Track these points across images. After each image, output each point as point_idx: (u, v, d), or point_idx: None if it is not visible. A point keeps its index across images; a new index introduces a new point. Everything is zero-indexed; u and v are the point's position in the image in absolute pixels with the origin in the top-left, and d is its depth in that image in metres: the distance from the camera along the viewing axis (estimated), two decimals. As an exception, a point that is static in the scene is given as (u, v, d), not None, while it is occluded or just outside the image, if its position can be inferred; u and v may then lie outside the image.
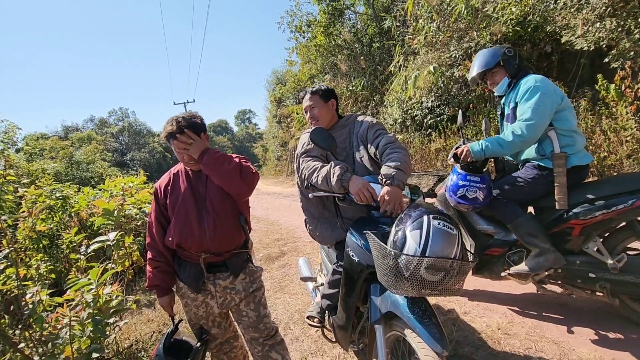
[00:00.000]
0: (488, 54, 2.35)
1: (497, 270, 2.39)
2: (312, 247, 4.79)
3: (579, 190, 2.07)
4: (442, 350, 1.17)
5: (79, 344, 2.01)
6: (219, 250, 1.71)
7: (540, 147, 2.16)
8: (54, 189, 4.62)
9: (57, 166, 16.64)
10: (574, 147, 2.09)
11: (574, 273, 2.13)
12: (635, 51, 4.59)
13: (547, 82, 2.13)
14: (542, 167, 2.15)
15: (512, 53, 2.28)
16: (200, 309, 1.75)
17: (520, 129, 2.08)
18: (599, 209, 1.96)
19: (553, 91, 2.10)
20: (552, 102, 2.06)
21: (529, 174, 2.20)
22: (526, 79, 2.19)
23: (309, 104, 2.02)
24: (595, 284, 2.07)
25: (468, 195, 2.18)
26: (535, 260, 2.13)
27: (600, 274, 2.04)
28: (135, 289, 4.31)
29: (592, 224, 2.01)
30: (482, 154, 2.21)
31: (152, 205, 1.79)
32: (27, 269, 2.69)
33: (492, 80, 2.37)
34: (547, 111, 2.06)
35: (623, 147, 4.64)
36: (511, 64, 2.28)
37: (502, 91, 2.35)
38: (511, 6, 6.09)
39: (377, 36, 11.00)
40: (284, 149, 18.73)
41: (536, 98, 2.06)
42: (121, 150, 42.71)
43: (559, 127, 2.10)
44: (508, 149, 2.16)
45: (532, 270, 2.13)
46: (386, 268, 1.30)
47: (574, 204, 2.05)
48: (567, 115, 2.12)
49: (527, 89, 2.11)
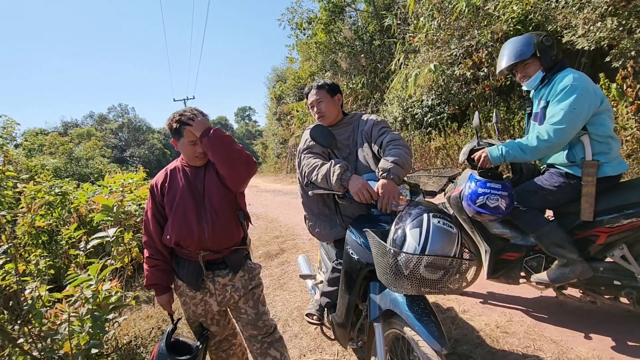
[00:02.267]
0: (521, 43, 2.04)
1: (514, 276, 2.27)
2: (312, 244, 4.79)
3: (606, 196, 1.91)
4: (441, 349, 1.17)
5: (78, 340, 2.01)
6: (218, 248, 1.70)
7: (571, 152, 1.95)
8: (53, 185, 4.62)
9: (57, 162, 16.62)
10: (609, 155, 1.89)
11: (598, 280, 2.01)
12: (636, 50, 4.58)
13: (586, 80, 1.89)
14: (570, 176, 1.96)
15: (550, 42, 1.99)
16: (199, 307, 1.74)
17: (547, 133, 1.88)
18: (628, 217, 1.84)
19: (592, 92, 1.86)
20: (590, 105, 1.84)
21: (555, 181, 2.01)
22: (563, 74, 1.93)
23: (316, 98, 1.98)
24: (621, 291, 1.96)
25: (489, 204, 1.98)
26: (560, 270, 2.00)
27: (626, 282, 1.93)
28: (134, 285, 4.31)
29: (619, 232, 1.90)
30: (501, 159, 2.01)
31: (148, 203, 1.76)
32: (26, 265, 2.70)
33: (524, 73, 2.09)
34: (582, 116, 1.84)
35: (623, 147, 4.64)
36: (548, 56, 1.99)
37: (534, 86, 2.10)
38: (512, 5, 6.08)
39: (377, 34, 10.97)
40: (284, 146, 18.72)
41: (572, 99, 1.83)
42: (121, 147, 42.65)
43: (593, 132, 1.89)
44: (531, 155, 1.96)
45: (556, 282, 2.02)
46: (386, 266, 1.30)
47: (602, 210, 1.91)
48: (605, 119, 1.89)
49: (563, 88, 1.87)
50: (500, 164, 2.05)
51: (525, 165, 2.33)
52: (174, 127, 1.63)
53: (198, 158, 1.68)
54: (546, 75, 2.03)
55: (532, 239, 2.14)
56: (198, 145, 1.64)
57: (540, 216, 2.06)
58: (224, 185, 1.71)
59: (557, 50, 2.02)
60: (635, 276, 1.90)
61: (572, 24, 5.27)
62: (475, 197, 2.03)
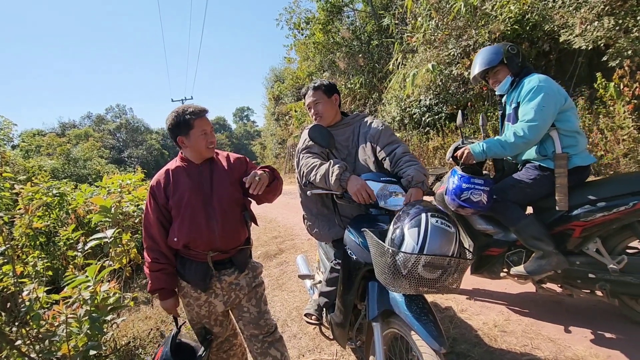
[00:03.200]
0: (490, 52, 2.27)
1: (496, 270, 2.37)
2: (310, 244, 4.80)
3: (580, 191, 2.03)
4: (439, 348, 1.17)
5: (76, 341, 2.00)
6: (227, 248, 1.69)
7: (542, 147, 2.12)
8: (50, 186, 4.60)
9: (54, 163, 16.58)
10: (576, 148, 2.06)
11: (574, 274, 2.11)
12: (633, 50, 4.60)
13: (550, 82, 2.08)
14: (544, 168, 2.12)
15: (515, 51, 2.21)
16: (203, 309, 1.73)
17: (522, 130, 2.05)
18: (600, 210, 1.93)
19: (557, 91, 2.06)
20: (556, 103, 2.02)
21: (530, 175, 2.16)
22: (529, 78, 2.13)
23: (313, 99, 1.98)
24: (595, 284, 2.05)
25: (472, 199, 2.08)
26: (537, 262, 2.10)
27: (600, 275, 2.02)
28: (132, 286, 4.30)
29: (592, 226, 1.98)
30: (483, 155, 2.17)
31: (148, 206, 1.70)
32: (24, 266, 2.69)
33: (494, 79, 2.31)
34: (550, 112, 2.02)
35: (620, 146, 4.67)
36: (514, 62, 2.21)
37: (504, 90, 2.29)
38: (510, 4, 6.10)
39: (375, 34, 10.99)
40: (282, 146, 18.72)
41: (539, 99, 2.01)
42: (118, 147, 42.58)
43: (561, 127, 2.06)
44: (510, 151, 2.13)
45: (534, 273, 2.11)
46: (384, 266, 1.30)
47: (575, 205, 2.02)
48: (570, 115, 2.08)
49: (531, 89, 2.06)
50: (482, 159, 2.21)
51: (507, 164, 2.44)
52: (183, 119, 1.62)
53: (209, 149, 1.69)
54: (515, 80, 2.23)
55: (513, 235, 2.23)
56: (210, 134, 1.67)
57: (519, 210, 2.17)
58: (233, 186, 1.71)
59: (522, 57, 2.23)
60: (607, 269, 1.98)
61: (569, 23, 5.30)
62: (459, 192, 2.11)
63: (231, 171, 1.78)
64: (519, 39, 6.19)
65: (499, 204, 2.17)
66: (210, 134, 1.69)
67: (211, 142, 1.68)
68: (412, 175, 1.62)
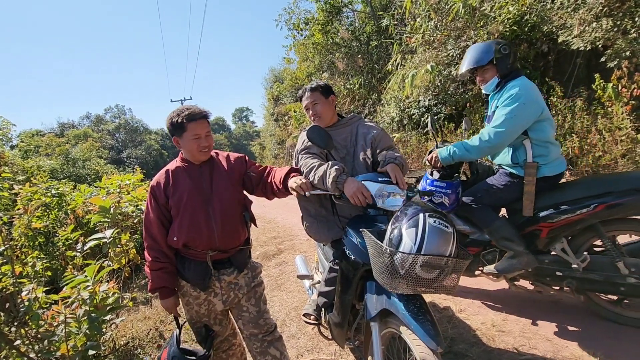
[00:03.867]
0: (481, 50, 2.23)
1: (472, 269, 2.47)
2: (309, 245, 4.80)
3: (549, 194, 2.13)
4: (436, 347, 1.18)
5: (75, 341, 2.01)
6: (226, 248, 1.70)
7: (515, 155, 2.17)
8: (49, 187, 4.61)
9: (53, 163, 16.56)
10: (547, 158, 2.10)
11: (543, 271, 2.22)
12: (631, 51, 4.62)
13: (531, 91, 2.08)
14: (515, 175, 2.18)
15: (507, 51, 2.17)
16: (202, 307, 1.74)
17: (488, 134, 2.10)
18: (564, 212, 2.04)
19: (534, 102, 2.06)
20: (530, 113, 2.05)
21: (502, 180, 2.23)
22: (513, 83, 2.12)
23: (310, 100, 2.00)
24: (563, 281, 2.16)
25: (434, 200, 2.23)
26: (508, 262, 2.20)
27: (566, 273, 2.13)
28: (131, 286, 4.30)
29: (558, 227, 2.09)
30: (449, 159, 2.24)
31: (149, 205, 1.71)
32: (22, 267, 2.69)
33: (482, 78, 2.28)
34: (522, 122, 2.05)
35: (618, 147, 4.68)
36: (504, 63, 2.17)
37: (490, 90, 2.29)
38: (508, 5, 6.11)
39: (374, 34, 11.00)
40: (282, 146, 18.72)
41: (514, 107, 2.03)
42: (117, 148, 42.52)
43: (534, 137, 2.10)
44: (474, 154, 2.19)
45: (505, 272, 2.22)
46: (382, 266, 1.31)
47: (543, 207, 2.12)
48: (545, 126, 2.10)
49: (509, 96, 2.07)
50: (450, 162, 2.28)
51: (481, 166, 2.53)
52: (177, 121, 1.61)
53: (202, 152, 1.68)
54: (501, 82, 2.22)
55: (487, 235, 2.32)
56: (202, 139, 1.65)
57: (491, 213, 2.25)
58: (233, 186, 1.72)
59: (513, 59, 2.20)
60: (572, 267, 2.09)
61: (567, 24, 5.31)
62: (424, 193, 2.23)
63: (231, 171, 1.78)
64: (518, 39, 6.20)
65: (472, 207, 2.26)
66: (205, 138, 1.66)
67: (204, 147, 1.66)
68: (385, 154, 1.72)
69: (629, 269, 1.98)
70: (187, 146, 1.66)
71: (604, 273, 2.04)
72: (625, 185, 1.93)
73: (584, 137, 5.05)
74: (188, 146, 1.66)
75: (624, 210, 1.93)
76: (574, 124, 5.23)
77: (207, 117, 1.68)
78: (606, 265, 2.05)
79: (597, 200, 1.95)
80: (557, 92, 5.49)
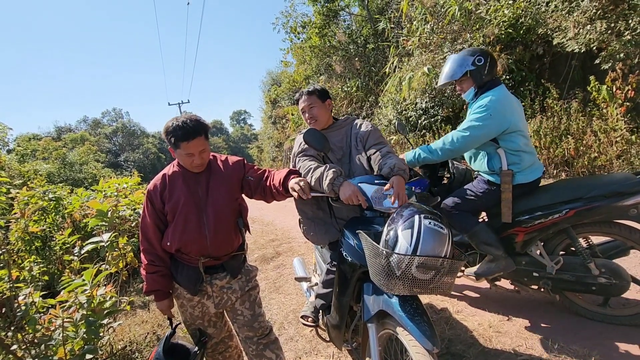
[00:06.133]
0: (456, 63, 2.28)
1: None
2: (307, 247, 4.80)
3: (525, 199, 2.21)
4: (432, 348, 1.19)
5: (72, 346, 2.00)
6: (218, 255, 1.71)
7: (490, 162, 2.23)
8: (46, 190, 4.59)
9: (50, 167, 16.50)
10: (519, 166, 2.16)
11: (521, 273, 2.30)
12: (625, 53, 4.66)
13: (501, 105, 2.11)
14: (492, 183, 2.24)
15: (482, 62, 2.19)
16: (196, 309, 1.75)
17: (452, 137, 2.19)
18: (538, 217, 2.13)
19: (502, 117, 2.10)
20: (496, 126, 2.11)
21: (480, 188, 2.29)
22: (487, 94, 2.17)
23: (307, 104, 2.02)
24: (539, 281, 2.25)
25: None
26: (488, 265, 2.28)
27: (542, 273, 2.22)
28: (129, 290, 4.29)
29: (532, 230, 2.19)
30: (415, 162, 2.36)
31: (145, 209, 1.72)
32: (19, 271, 2.68)
33: (460, 87, 2.36)
34: (485, 132, 2.12)
35: (613, 148, 4.71)
36: (479, 74, 2.21)
37: (469, 99, 2.35)
38: (504, 8, 6.17)
39: (371, 37, 11.04)
40: (279, 149, 18.71)
41: (481, 116, 2.12)
42: (115, 151, 42.41)
43: (505, 146, 2.17)
44: (437, 156, 2.28)
45: (483, 275, 2.31)
46: (378, 267, 1.32)
47: (519, 212, 2.20)
48: (516, 137, 2.15)
49: (480, 106, 2.15)
50: (416, 165, 2.39)
51: (457, 170, 2.59)
52: (170, 139, 1.59)
53: (195, 168, 1.68)
54: (478, 91, 2.28)
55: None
56: (196, 157, 1.62)
57: (471, 218, 2.30)
58: (229, 192, 1.72)
59: (490, 69, 2.21)
60: (546, 268, 2.19)
61: (562, 26, 5.36)
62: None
63: (229, 176, 1.78)
64: (513, 42, 6.25)
65: (452, 213, 2.31)
66: (198, 157, 1.62)
67: (197, 165, 1.65)
68: (395, 163, 1.68)
69: (600, 269, 2.07)
70: (181, 160, 1.68)
71: (576, 274, 2.14)
72: (595, 191, 2.01)
73: (580, 139, 5.09)
74: (181, 160, 1.68)
75: (592, 215, 2.02)
76: (569, 126, 5.27)
77: (202, 133, 1.61)
78: (578, 266, 2.14)
79: (568, 205, 2.05)
80: (553, 94, 5.53)
